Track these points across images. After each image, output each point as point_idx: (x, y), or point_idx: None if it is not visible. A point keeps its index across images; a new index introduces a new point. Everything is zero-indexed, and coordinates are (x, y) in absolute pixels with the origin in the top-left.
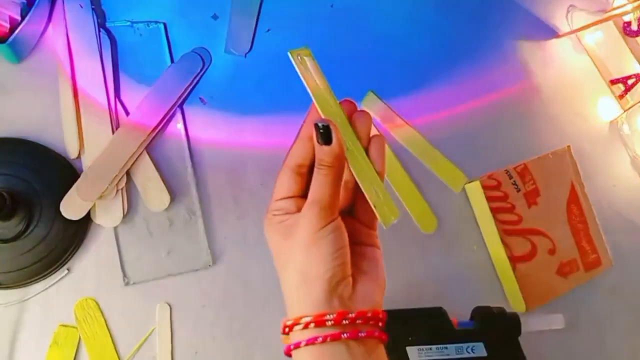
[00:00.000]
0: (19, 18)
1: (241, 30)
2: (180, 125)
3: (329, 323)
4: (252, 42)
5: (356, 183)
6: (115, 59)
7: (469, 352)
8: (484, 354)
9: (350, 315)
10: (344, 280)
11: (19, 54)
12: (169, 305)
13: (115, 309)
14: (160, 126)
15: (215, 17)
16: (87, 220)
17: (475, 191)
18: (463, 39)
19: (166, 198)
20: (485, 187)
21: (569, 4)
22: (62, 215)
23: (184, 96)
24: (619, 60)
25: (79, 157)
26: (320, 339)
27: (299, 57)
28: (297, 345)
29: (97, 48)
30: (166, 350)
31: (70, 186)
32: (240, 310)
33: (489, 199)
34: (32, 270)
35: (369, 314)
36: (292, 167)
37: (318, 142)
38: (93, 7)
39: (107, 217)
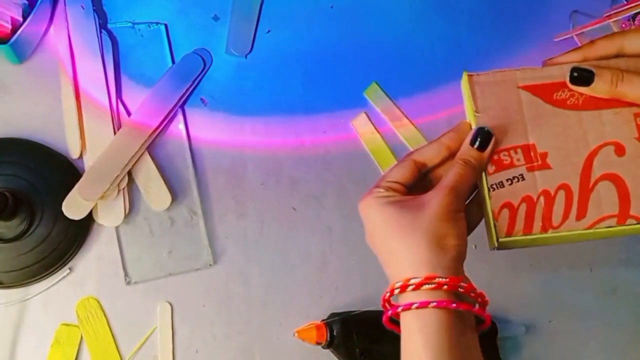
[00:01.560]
0: (20, 19)
1: (242, 32)
2: (181, 126)
3: (445, 287)
4: (253, 43)
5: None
6: (117, 59)
7: None
8: None
9: (463, 284)
10: (463, 261)
11: (20, 54)
12: (170, 305)
13: (116, 308)
14: (162, 126)
15: (216, 18)
16: (88, 220)
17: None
18: (463, 39)
19: (167, 198)
20: None
21: (570, 6)
22: (63, 215)
23: (185, 97)
24: None
25: (80, 157)
26: (435, 303)
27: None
28: (407, 307)
29: (99, 49)
30: (167, 349)
31: (72, 186)
32: (241, 309)
33: None
34: (33, 269)
35: (478, 292)
36: (416, 161)
37: (471, 143)
38: (94, 8)
39: (109, 217)
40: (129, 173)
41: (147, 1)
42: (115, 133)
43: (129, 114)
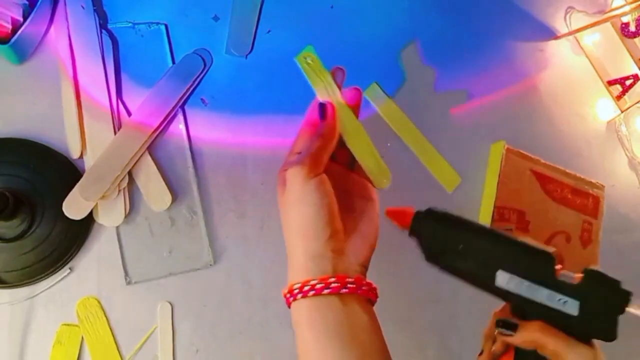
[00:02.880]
0: (21, 19)
1: (242, 32)
2: (181, 126)
3: (314, 284)
4: (253, 43)
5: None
6: (117, 59)
7: (559, 304)
8: (575, 313)
9: (331, 279)
10: (336, 235)
11: (21, 54)
12: (171, 304)
13: (117, 308)
14: (162, 126)
15: (216, 18)
16: (89, 219)
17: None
18: (462, 39)
19: (168, 198)
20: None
21: (568, 6)
22: (64, 215)
23: (185, 97)
24: (617, 61)
25: (81, 157)
26: (313, 292)
27: (305, 59)
28: (288, 304)
29: (99, 49)
30: (168, 349)
31: (73, 186)
32: (241, 309)
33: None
34: (34, 269)
35: (351, 279)
36: (310, 122)
37: (319, 118)
38: (95, 8)
39: (109, 217)
40: (129, 173)
41: (147, 1)
42: (115, 133)
43: (129, 114)
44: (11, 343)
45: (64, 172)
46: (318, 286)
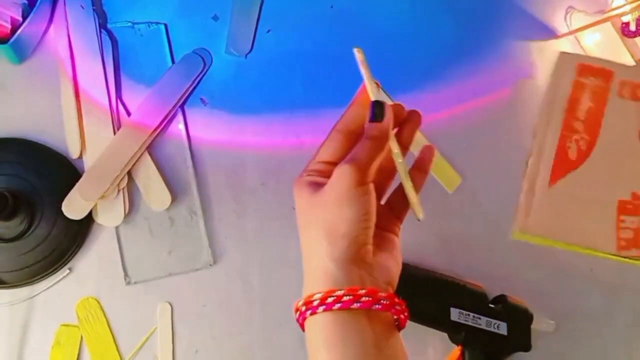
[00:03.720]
0: (20, 19)
1: (242, 31)
2: (181, 126)
3: (345, 299)
4: (253, 43)
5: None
6: (117, 59)
7: (494, 328)
8: (505, 333)
9: (361, 292)
10: (367, 246)
11: (20, 54)
12: (170, 305)
13: (116, 309)
14: (162, 126)
15: (215, 18)
16: (88, 220)
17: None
18: (462, 39)
19: (167, 198)
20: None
21: (568, 5)
22: (63, 215)
23: (184, 97)
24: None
25: (80, 157)
26: (339, 304)
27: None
28: (303, 316)
29: (99, 49)
30: (167, 350)
31: (72, 186)
32: (240, 309)
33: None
34: (33, 269)
35: (383, 294)
36: (342, 130)
37: (370, 120)
38: (94, 7)
39: (109, 217)
40: (129, 173)
41: (147, 1)
42: (115, 133)
43: (128, 114)
44: (10, 343)
45: (64, 172)
46: (346, 298)
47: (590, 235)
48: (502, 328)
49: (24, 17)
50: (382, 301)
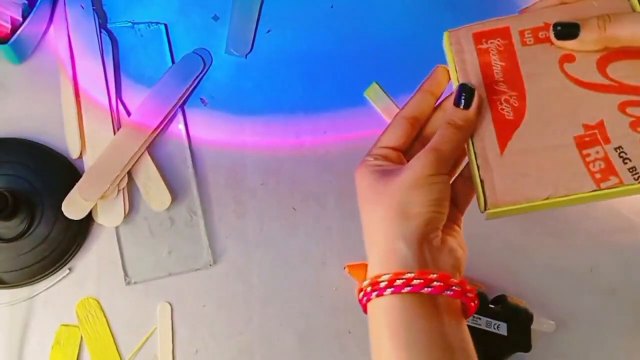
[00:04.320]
0: (20, 19)
1: (242, 31)
2: (181, 126)
3: (415, 282)
4: (253, 43)
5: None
6: (117, 59)
7: (494, 328)
8: (505, 333)
9: (432, 275)
10: (437, 230)
11: (20, 54)
12: (170, 305)
13: (116, 309)
14: (162, 126)
15: (215, 18)
16: (88, 220)
17: None
18: None
19: (167, 198)
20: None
21: None
22: (63, 215)
23: (184, 97)
24: None
25: (80, 157)
26: (391, 289)
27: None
28: (368, 297)
29: (99, 49)
30: (167, 350)
31: (72, 186)
32: (240, 309)
33: None
34: (33, 269)
35: (455, 280)
36: (407, 117)
37: (455, 103)
38: (94, 7)
39: (109, 217)
40: (129, 173)
41: (147, 1)
42: (115, 133)
43: (128, 114)
44: (10, 343)
45: (64, 172)
46: (416, 282)
47: (563, 182)
48: (502, 328)
49: (24, 17)
50: (453, 287)
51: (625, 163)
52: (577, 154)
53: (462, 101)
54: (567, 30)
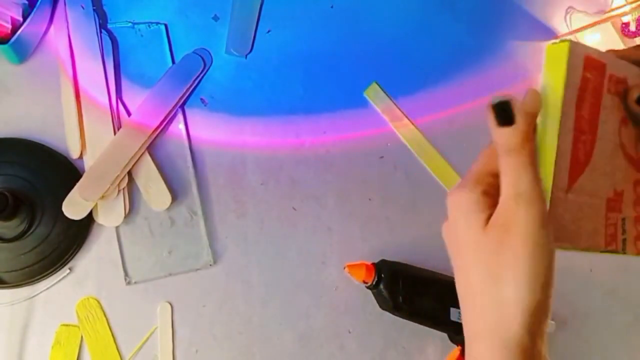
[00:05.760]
0: (20, 19)
1: (242, 31)
2: (181, 126)
3: None
4: (253, 43)
5: None
6: (117, 59)
7: None
8: None
9: None
10: (547, 320)
11: (20, 54)
12: (170, 305)
13: (116, 308)
14: (162, 126)
15: (216, 18)
16: (88, 220)
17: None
18: (462, 40)
19: (167, 198)
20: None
21: (568, 6)
22: (64, 215)
23: (185, 97)
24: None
25: (80, 157)
26: None
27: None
28: None
29: (99, 49)
30: (167, 349)
31: (72, 186)
32: (240, 309)
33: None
34: (34, 269)
35: None
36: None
37: (497, 124)
38: (94, 8)
39: (109, 217)
40: (129, 173)
41: (147, 1)
42: (115, 133)
43: (129, 114)
44: (10, 343)
45: (64, 172)
46: None
47: (585, 232)
48: None
49: (25, 18)
50: None
51: (623, 234)
52: (603, 214)
53: (499, 120)
54: None
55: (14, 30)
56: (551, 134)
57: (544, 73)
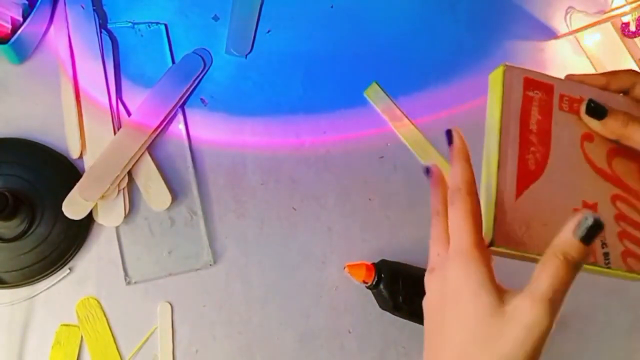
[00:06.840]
0: (20, 19)
1: (242, 31)
2: (181, 126)
3: None
4: (253, 43)
5: None
6: (117, 59)
7: None
8: None
9: None
10: None
11: (21, 54)
12: (170, 305)
13: (116, 308)
14: (162, 126)
15: (216, 18)
16: (89, 220)
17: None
18: (462, 39)
19: (167, 198)
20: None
21: (568, 6)
22: (64, 215)
23: (185, 97)
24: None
25: (80, 157)
26: None
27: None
28: None
29: (99, 49)
30: (167, 349)
31: (72, 186)
32: (240, 309)
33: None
34: (34, 269)
35: None
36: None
37: (578, 235)
38: (94, 8)
39: (109, 217)
40: (129, 173)
41: (147, 1)
42: (115, 133)
43: (129, 114)
44: (10, 343)
45: (64, 172)
46: None
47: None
48: None
49: (25, 18)
50: None
51: (603, 247)
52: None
53: (584, 234)
54: (597, 110)
55: (14, 30)
56: (493, 143)
57: (488, 95)
